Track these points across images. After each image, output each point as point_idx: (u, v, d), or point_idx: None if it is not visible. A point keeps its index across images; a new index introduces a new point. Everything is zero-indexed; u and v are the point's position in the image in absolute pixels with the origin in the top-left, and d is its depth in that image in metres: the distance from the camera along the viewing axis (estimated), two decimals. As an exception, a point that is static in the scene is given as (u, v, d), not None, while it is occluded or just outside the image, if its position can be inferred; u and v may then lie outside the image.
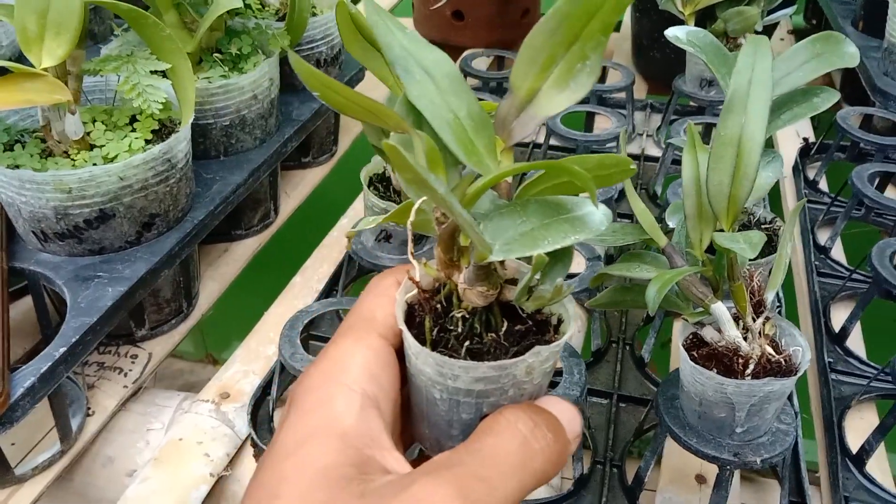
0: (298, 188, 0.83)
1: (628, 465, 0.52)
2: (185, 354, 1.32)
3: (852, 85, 0.99)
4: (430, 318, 0.30)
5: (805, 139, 0.86)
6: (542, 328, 0.31)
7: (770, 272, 0.45)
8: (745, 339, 0.43)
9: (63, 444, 0.53)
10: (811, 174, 0.81)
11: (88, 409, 0.57)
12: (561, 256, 0.28)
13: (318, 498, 0.25)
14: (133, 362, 0.61)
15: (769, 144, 0.96)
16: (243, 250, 0.73)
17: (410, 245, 0.29)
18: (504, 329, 0.30)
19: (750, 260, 0.50)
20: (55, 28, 0.50)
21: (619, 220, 0.76)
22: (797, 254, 0.73)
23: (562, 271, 0.30)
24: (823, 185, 0.81)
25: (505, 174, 0.27)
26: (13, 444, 0.55)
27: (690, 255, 0.42)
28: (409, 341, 0.29)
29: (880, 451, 0.53)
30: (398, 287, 0.32)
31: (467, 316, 0.29)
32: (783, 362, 0.43)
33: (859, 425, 0.56)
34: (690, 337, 0.45)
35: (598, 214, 0.28)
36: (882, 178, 0.73)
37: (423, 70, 0.29)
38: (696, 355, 0.44)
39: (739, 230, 0.52)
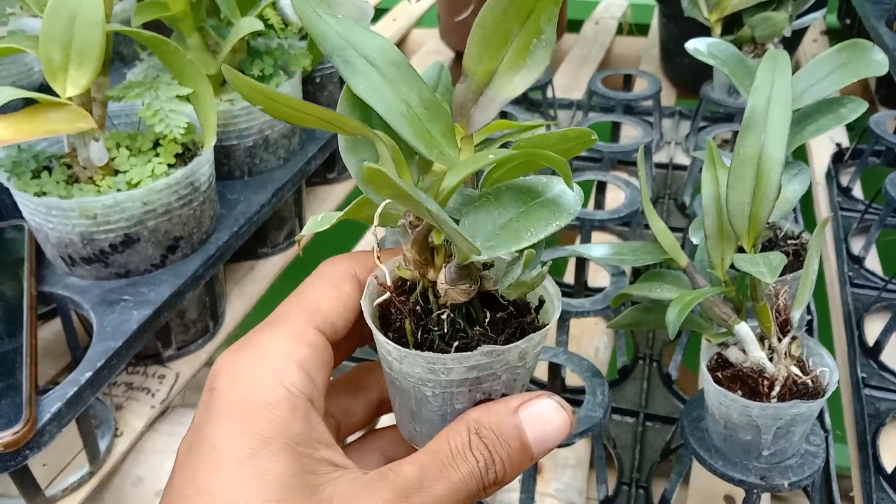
0: (324, 204, 0.83)
1: (655, 486, 0.52)
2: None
3: (888, 86, 0.96)
4: (410, 320, 0.28)
5: (838, 144, 0.84)
6: (522, 311, 0.30)
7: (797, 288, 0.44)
8: (770, 359, 0.42)
9: (92, 466, 0.54)
10: (844, 181, 0.79)
11: (117, 429, 0.57)
12: (538, 242, 0.27)
13: None
14: (160, 382, 0.61)
15: (801, 150, 0.94)
16: (269, 268, 0.73)
17: (376, 248, 0.28)
18: (487, 320, 0.29)
19: (775, 277, 0.49)
20: (78, 58, 0.51)
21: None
22: (830, 264, 0.71)
23: (540, 256, 0.29)
24: (857, 191, 0.79)
25: (475, 169, 0.26)
26: (44, 464, 0.56)
27: (712, 275, 0.41)
28: (390, 348, 0.28)
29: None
30: (351, 279, 0.30)
31: (451, 314, 0.28)
32: (810, 383, 0.42)
33: (895, 443, 0.54)
34: (715, 357, 0.44)
35: (570, 194, 0.27)
36: (918, 184, 0.71)
37: (365, 59, 0.26)
38: (720, 376, 0.43)
39: (764, 247, 0.51)
